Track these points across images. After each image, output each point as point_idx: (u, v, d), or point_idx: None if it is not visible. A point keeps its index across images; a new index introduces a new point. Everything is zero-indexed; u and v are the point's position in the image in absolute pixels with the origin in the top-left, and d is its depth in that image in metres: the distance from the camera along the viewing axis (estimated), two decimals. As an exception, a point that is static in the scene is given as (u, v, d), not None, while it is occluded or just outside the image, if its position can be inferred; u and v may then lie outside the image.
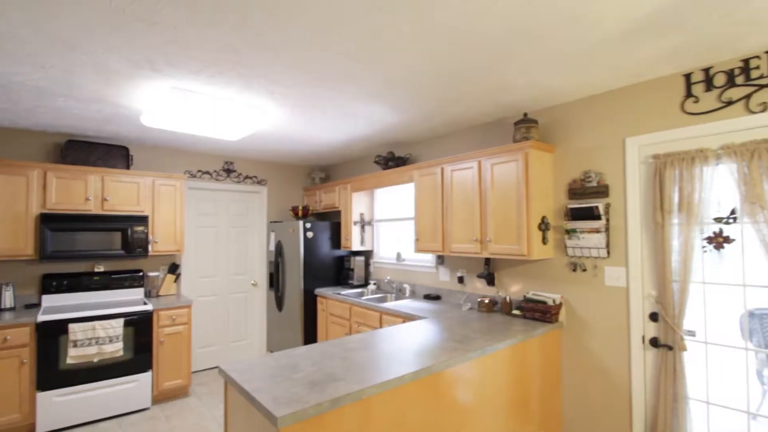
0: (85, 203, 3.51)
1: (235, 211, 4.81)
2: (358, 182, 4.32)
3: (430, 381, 1.93)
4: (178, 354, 3.66)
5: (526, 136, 2.77)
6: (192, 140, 3.90)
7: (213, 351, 4.59)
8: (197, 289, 4.49)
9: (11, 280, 3.43)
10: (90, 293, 3.66)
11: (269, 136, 3.71)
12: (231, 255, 4.75)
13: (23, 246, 3.25)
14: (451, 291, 3.62)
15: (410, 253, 4.13)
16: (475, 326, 2.66)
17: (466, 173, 3.09)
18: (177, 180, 3.99)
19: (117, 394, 3.31)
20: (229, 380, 1.76)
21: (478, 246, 2.99)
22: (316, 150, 4.36)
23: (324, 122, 3.27)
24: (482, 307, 3.13)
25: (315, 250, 4.39)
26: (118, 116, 3.09)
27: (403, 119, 3.20)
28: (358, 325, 3.65)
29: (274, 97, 2.66)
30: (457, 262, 3.58)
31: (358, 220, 4.44)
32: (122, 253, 3.61)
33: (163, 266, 4.17)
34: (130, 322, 3.39)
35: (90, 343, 3.16)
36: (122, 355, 3.33)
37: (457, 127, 3.47)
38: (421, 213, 3.49)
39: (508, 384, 2.39)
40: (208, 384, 4.08)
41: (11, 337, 2.94)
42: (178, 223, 3.98)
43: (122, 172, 3.68)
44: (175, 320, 3.64)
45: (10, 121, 3.25)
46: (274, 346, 4.74)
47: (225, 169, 4.65)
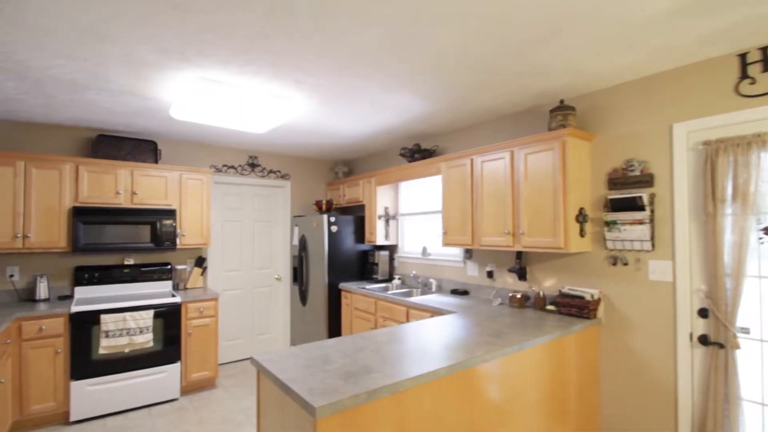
0: (116, 197, 3.56)
1: (259, 206, 4.82)
2: (382, 175, 4.26)
3: (465, 376, 1.86)
4: (206, 346, 3.69)
5: (563, 123, 2.65)
6: (218, 134, 3.91)
7: (238, 344, 4.62)
8: (222, 283, 4.52)
9: (46, 272, 3.52)
10: (120, 285, 3.72)
11: (294, 128, 3.68)
12: (255, 249, 4.77)
13: (57, 239, 3.32)
14: (479, 286, 3.52)
15: (436, 247, 4.05)
16: (508, 321, 2.57)
17: (498, 164, 2.99)
18: (203, 174, 4.01)
19: (147, 385, 3.35)
20: (263, 370, 1.72)
21: (510, 239, 2.89)
22: (340, 143, 4.32)
23: (350, 114, 3.22)
24: (514, 303, 3.02)
25: (339, 245, 4.35)
26: (147, 109, 3.11)
27: (431, 109, 3.12)
28: (384, 320, 3.59)
29: (302, 87, 2.62)
30: (487, 256, 3.48)
31: (383, 214, 4.38)
32: (151, 246, 3.65)
33: (190, 259, 4.21)
34: (160, 314, 3.42)
35: (121, 334, 3.21)
36: (152, 346, 3.37)
37: (486, 118, 3.36)
38: (449, 206, 3.41)
39: (545, 381, 2.29)
40: (234, 376, 4.11)
41: (46, 327, 3.00)
42: (204, 217, 4.00)
43: (151, 166, 3.72)
44: (202, 313, 3.67)
45: (44, 116, 3.31)
46: (297, 340, 4.74)
47: (249, 164, 4.67)
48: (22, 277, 3.43)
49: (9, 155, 3.14)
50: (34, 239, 3.23)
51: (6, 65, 2.24)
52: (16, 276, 3.40)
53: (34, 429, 2.99)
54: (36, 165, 3.25)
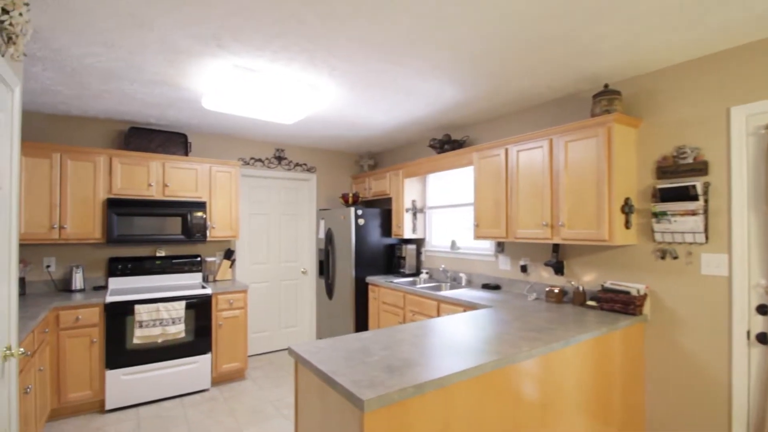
0: (148, 189, 3.60)
1: (286, 199, 4.81)
2: (411, 167, 4.18)
3: (511, 372, 1.77)
4: (236, 338, 3.70)
5: (608, 109, 2.52)
6: (246, 127, 3.91)
7: (265, 336, 4.63)
8: (250, 276, 4.54)
9: (81, 262, 3.59)
10: (152, 277, 3.76)
11: (322, 119, 3.64)
12: (282, 242, 4.77)
13: (92, 230, 3.37)
14: (512, 280, 3.41)
15: (466, 240, 3.95)
16: (548, 317, 2.46)
17: (535, 153, 2.87)
18: (232, 167, 4.02)
19: (178, 375, 3.38)
20: (302, 361, 1.68)
21: (548, 231, 2.77)
22: (367, 135, 4.26)
23: (380, 103, 3.15)
24: (551, 298, 2.91)
25: (366, 238, 4.30)
26: (179, 100, 3.11)
27: (465, 97, 3.02)
28: (413, 314, 3.52)
29: (335, 74, 2.56)
30: (520, 249, 3.36)
31: (410, 207, 4.31)
32: (182, 238, 3.68)
33: (219, 252, 4.23)
34: (191, 305, 3.45)
35: (154, 324, 3.24)
36: (184, 337, 3.40)
37: (521, 105, 3.24)
38: (482, 197, 3.31)
39: (589, 379, 2.18)
40: (261, 368, 4.12)
41: (82, 317, 3.05)
42: (233, 210, 4.01)
43: (182, 159, 3.75)
44: (232, 304, 3.68)
45: (79, 109, 3.36)
46: (324, 333, 4.73)
47: (276, 157, 4.66)
48: (59, 267, 3.51)
49: (45, 147, 3.20)
50: (70, 230, 3.29)
51: (44, 54, 2.26)
52: (52, 267, 3.47)
53: (72, 416, 3.05)
54: (71, 157, 3.30)
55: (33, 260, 3.41)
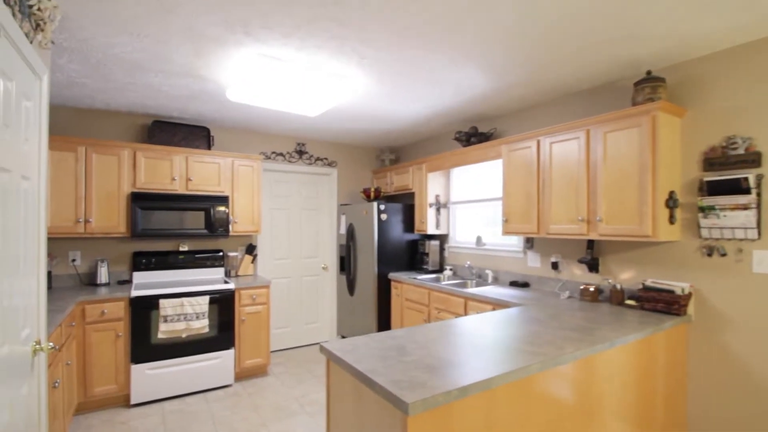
0: (171, 183, 3.58)
1: (307, 194, 4.76)
2: (434, 161, 4.08)
3: (555, 374, 1.67)
4: (258, 333, 3.67)
5: (651, 97, 2.38)
6: (268, 120, 3.86)
7: (287, 332, 4.60)
8: (271, 271, 4.51)
9: (106, 256, 3.60)
10: (175, 271, 3.76)
11: (346, 112, 3.56)
12: (303, 238, 4.73)
13: (116, 223, 3.37)
14: (542, 278, 3.29)
15: (492, 236, 3.84)
16: (586, 316, 2.34)
17: (570, 145, 2.74)
18: (254, 161, 3.98)
19: (202, 370, 3.36)
20: (335, 359, 1.61)
21: (584, 227, 2.64)
22: (390, 128, 4.17)
23: (408, 93, 3.06)
24: (586, 296, 2.79)
25: (388, 234, 4.22)
26: (203, 93, 3.08)
27: (496, 87, 2.91)
28: (439, 312, 3.44)
29: (364, 63, 2.48)
30: (551, 245, 3.24)
31: (434, 202, 4.21)
32: (205, 233, 3.66)
33: (241, 247, 4.21)
34: (215, 300, 3.42)
35: (179, 319, 3.23)
36: (207, 332, 3.38)
37: (554, 95, 3.10)
38: (511, 192, 3.19)
39: (633, 382, 2.06)
40: (283, 364, 4.09)
41: (108, 311, 3.05)
42: (255, 204, 3.98)
43: (204, 153, 3.72)
44: (255, 300, 3.65)
45: (103, 103, 3.36)
46: (345, 330, 4.68)
47: (297, 151, 4.61)
48: (84, 261, 3.52)
49: (70, 140, 3.20)
50: (95, 224, 3.30)
51: (70, 44, 2.23)
52: (78, 260, 3.49)
53: (97, 410, 3.06)
54: (96, 150, 3.30)
55: (59, 254, 3.43)
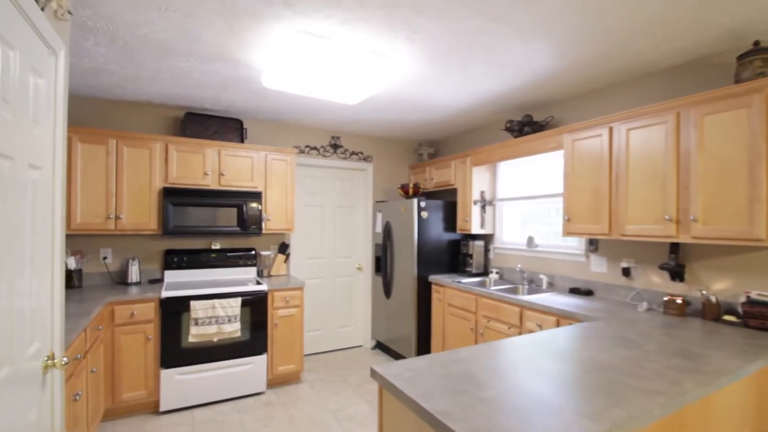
0: (204, 178, 3.40)
1: (341, 190, 4.51)
2: (480, 154, 3.73)
3: (675, 419, 1.32)
4: (292, 338, 3.45)
5: (763, 71, 1.96)
6: (302, 112, 3.62)
7: (319, 335, 4.38)
8: (304, 271, 4.29)
9: (137, 254, 3.46)
10: (207, 270, 3.58)
11: (387, 100, 3.27)
12: (336, 236, 4.48)
13: (148, 220, 3.22)
14: (609, 285, 2.90)
15: (544, 237, 3.46)
16: (682, 336, 1.96)
17: (654, 131, 2.34)
18: (288, 155, 3.75)
19: (234, 376, 3.17)
20: (393, 390, 1.32)
21: (672, 227, 2.24)
22: (430, 119, 3.85)
23: (459, 76, 2.73)
24: (671, 309, 2.38)
25: (428, 233, 3.91)
26: (236, 80, 2.86)
27: (561, 66, 2.54)
28: (488, 321, 3.10)
29: (414, 38, 2.17)
30: (621, 249, 2.84)
31: (478, 199, 3.86)
32: (237, 231, 3.46)
33: (274, 245, 4.01)
34: (247, 302, 3.22)
35: (210, 322, 3.04)
36: (239, 336, 3.18)
37: (628, 75, 2.70)
38: (575, 187, 2.81)
39: (753, 423, 1.67)
40: (316, 370, 3.86)
41: (137, 312, 2.89)
42: (288, 201, 3.76)
43: (237, 146, 3.52)
44: (288, 302, 3.42)
45: (133, 93, 3.20)
46: (380, 335, 4.40)
47: (332, 145, 4.36)
48: (115, 259, 3.40)
49: (101, 133, 3.06)
50: (126, 221, 3.15)
51: (95, 24, 2.04)
52: (109, 258, 3.37)
53: (125, 417, 2.92)
54: (127, 144, 3.15)
55: (89, 251, 3.31)
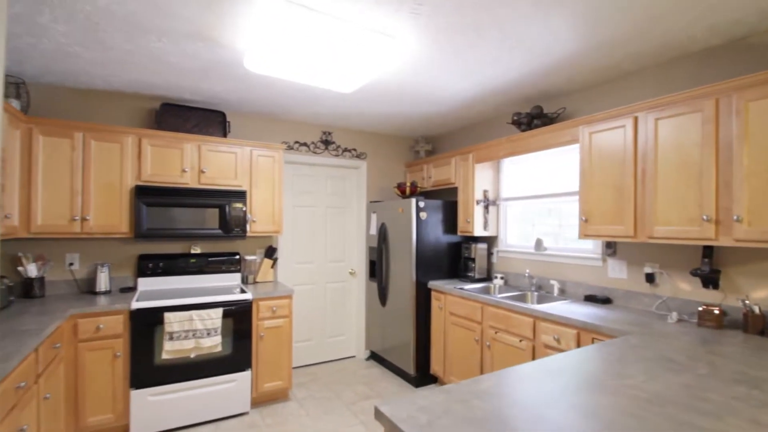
0: (182, 175, 3.08)
1: (333, 189, 4.21)
2: (484, 150, 3.46)
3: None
4: (279, 351, 3.13)
5: (821, 50, 1.71)
6: (291, 103, 3.31)
7: (309, 346, 4.06)
8: (293, 277, 3.97)
9: (107, 260, 3.12)
10: (186, 277, 3.25)
11: (384, 89, 2.98)
12: (328, 239, 4.17)
13: (118, 222, 2.89)
14: (629, 293, 2.64)
15: (554, 240, 3.20)
16: (732, 354, 1.70)
17: (687, 121, 2.09)
18: (275, 151, 3.44)
19: (214, 396, 2.84)
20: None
21: (710, 229, 1.99)
22: (429, 112, 3.57)
23: (468, 60, 2.45)
24: (707, 320, 2.12)
25: (428, 235, 3.63)
26: (216, 65, 2.55)
27: (581, 47, 2.28)
28: (496, 332, 2.82)
29: (420, 12, 1.89)
30: (643, 252, 2.58)
31: (481, 199, 3.59)
32: (219, 233, 3.14)
33: (260, 249, 3.69)
34: (229, 313, 2.90)
35: (187, 336, 2.71)
36: (220, 350, 2.85)
37: (653, 60, 2.45)
38: (593, 184, 2.55)
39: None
40: (306, 386, 3.54)
41: (105, 325, 2.56)
42: (276, 201, 3.44)
43: (220, 141, 3.20)
44: (275, 312, 3.11)
45: (103, 80, 2.87)
46: (375, 344, 4.10)
47: (323, 140, 4.06)
48: (82, 265, 3.05)
49: (65, 125, 2.72)
50: (94, 222, 2.81)
51: (44, -11, 1.72)
52: (75, 264, 3.02)
53: (92, 443, 2.57)
54: (95, 137, 2.82)
55: (54, 257, 2.96)
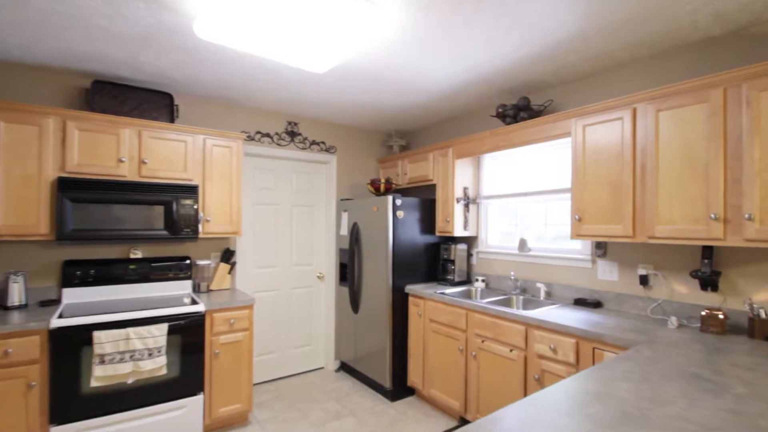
0: (118, 166, 2.60)
1: (299, 186, 3.83)
2: (465, 145, 3.23)
3: None
4: (237, 370, 2.73)
5: (841, 35, 1.60)
6: (252, 86, 2.92)
7: (272, 359, 3.66)
8: (254, 283, 3.56)
9: (21, 268, 2.58)
10: (124, 287, 2.77)
11: (362, 72, 2.66)
12: (294, 240, 3.79)
13: (36, 222, 2.37)
14: (621, 295, 2.49)
15: (538, 240, 3.03)
16: (751, 366, 1.54)
17: (691, 112, 1.94)
18: (233, 140, 3.03)
19: (158, 427, 2.40)
20: None
21: (719, 228, 1.84)
22: (409, 104, 3.30)
23: (459, 40, 2.19)
24: (711, 326, 1.99)
25: (404, 236, 3.35)
26: (160, 33, 2.12)
27: (583, 29, 2.08)
28: (482, 341, 2.59)
29: (411, -29, 1.60)
30: (637, 253, 2.44)
31: (462, 197, 3.36)
32: (165, 234, 2.69)
33: (215, 253, 3.25)
34: (176, 328, 2.46)
35: (123, 358, 2.26)
36: (165, 374, 2.42)
37: (650, 49, 2.30)
38: (587, 181, 2.37)
39: None
40: (268, 405, 3.15)
41: (14, 350, 2.06)
42: (234, 197, 3.03)
43: (165, 127, 2.75)
44: (233, 325, 2.70)
45: (24, 50, 2.35)
46: (346, 354, 3.77)
47: (288, 132, 3.67)
48: (-9, 274, 2.50)
49: (-37, 100, 2.19)
50: (3, 222, 2.29)
51: None
52: (-19, 273, 2.47)
53: (-4, 498, 2.07)
54: (6, 117, 2.30)
55: (-50, 264, 2.40)
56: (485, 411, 2.57)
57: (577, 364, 2.08)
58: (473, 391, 2.65)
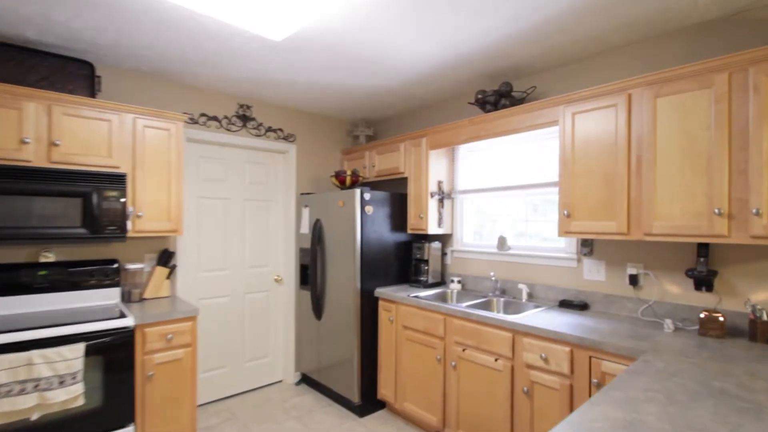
0: (20, 148, 2.08)
1: (253, 177, 3.41)
2: (440, 134, 2.96)
3: None
4: (178, 392, 2.29)
5: None
6: (196, 58, 2.47)
7: (223, 375, 3.22)
8: (199, 289, 3.10)
9: None
10: (31, 297, 2.25)
11: (326, 44, 2.30)
12: (247, 239, 3.37)
13: None
14: (609, 296, 2.33)
15: (518, 238, 2.84)
16: (763, 371, 1.39)
17: (692, 99, 1.78)
18: (172, 122, 2.57)
19: (74, 472, 1.94)
20: None
21: (723, 224, 1.69)
22: (378, 87, 2.98)
23: (440, 13, 1.90)
24: (710, 329, 1.85)
25: (373, 234, 3.04)
26: (68, -24, 1.66)
27: (576, 4, 1.86)
28: (463, 349, 2.34)
29: None
30: (626, 251, 2.29)
31: (436, 191, 3.10)
32: (83, 233, 2.19)
33: (150, 255, 2.76)
34: (97, 348, 2.00)
35: (24, 390, 1.77)
36: (83, 404, 1.95)
37: (643, 32, 2.13)
38: (577, 174, 2.18)
39: None
40: (219, 430, 2.73)
41: None
42: (173, 189, 2.57)
43: (84, 102, 2.25)
44: (171, 341, 2.27)
45: None
46: (307, 366, 3.40)
47: (239, 115, 3.23)
48: None
49: None
50: None
51: None
52: None
53: None
54: None
55: None
56: (466, 426, 2.33)
57: (571, 374, 1.87)
58: (453, 405, 2.40)
